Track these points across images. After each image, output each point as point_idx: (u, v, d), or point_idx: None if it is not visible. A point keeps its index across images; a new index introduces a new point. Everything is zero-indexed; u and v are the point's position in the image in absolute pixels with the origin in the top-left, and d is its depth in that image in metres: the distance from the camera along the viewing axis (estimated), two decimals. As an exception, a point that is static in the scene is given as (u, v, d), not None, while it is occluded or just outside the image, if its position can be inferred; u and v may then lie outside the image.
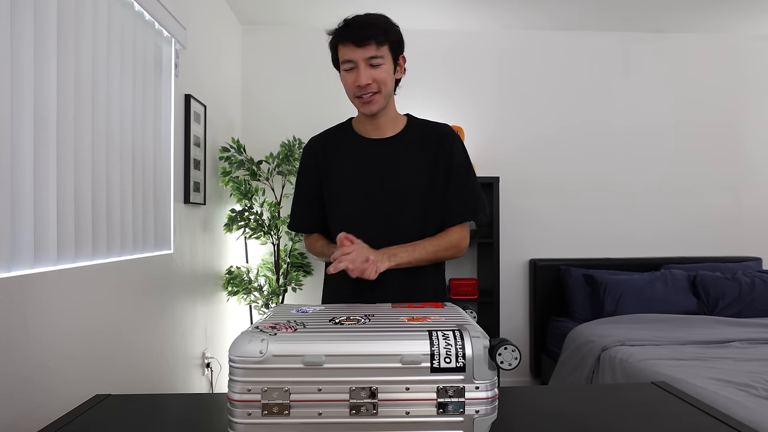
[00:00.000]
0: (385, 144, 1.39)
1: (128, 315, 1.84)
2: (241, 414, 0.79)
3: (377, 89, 1.30)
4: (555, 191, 3.58)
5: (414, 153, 1.37)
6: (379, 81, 1.29)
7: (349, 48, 1.27)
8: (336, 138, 1.44)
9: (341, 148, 1.42)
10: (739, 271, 3.35)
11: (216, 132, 2.87)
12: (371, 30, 1.26)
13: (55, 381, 1.41)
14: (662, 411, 1.02)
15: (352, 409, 0.79)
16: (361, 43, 1.26)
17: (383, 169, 1.36)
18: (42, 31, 1.35)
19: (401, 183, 1.35)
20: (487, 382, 0.80)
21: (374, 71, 1.28)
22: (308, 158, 1.45)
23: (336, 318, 0.95)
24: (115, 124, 1.72)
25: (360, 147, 1.40)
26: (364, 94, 1.30)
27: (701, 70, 3.65)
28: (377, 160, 1.37)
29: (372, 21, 1.28)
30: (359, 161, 1.38)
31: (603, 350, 2.59)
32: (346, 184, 1.38)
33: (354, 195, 1.37)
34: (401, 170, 1.36)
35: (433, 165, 1.37)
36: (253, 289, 2.94)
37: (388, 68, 1.31)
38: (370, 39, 1.26)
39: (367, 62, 1.27)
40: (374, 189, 1.36)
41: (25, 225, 1.28)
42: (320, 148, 1.44)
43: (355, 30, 1.27)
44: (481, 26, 3.51)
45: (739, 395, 1.84)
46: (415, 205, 1.35)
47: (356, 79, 1.28)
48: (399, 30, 1.33)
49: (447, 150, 1.38)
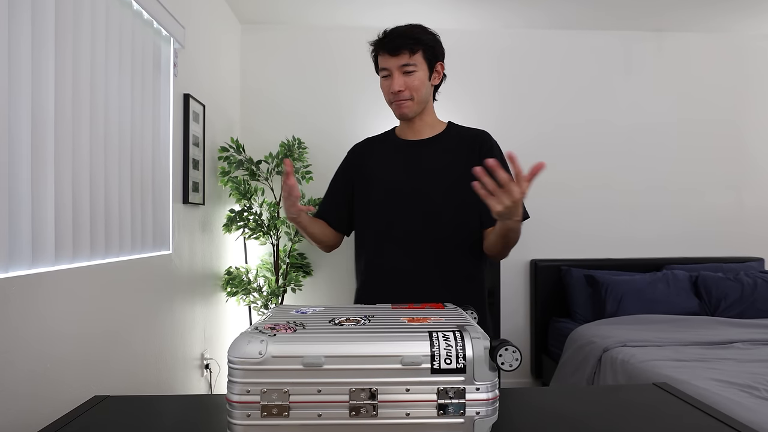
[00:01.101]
0: (421, 144, 1.46)
1: (127, 316, 1.84)
2: (240, 415, 0.78)
3: (410, 96, 1.38)
4: (556, 191, 3.57)
5: (449, 152, 1.43)
6: (411, 88, 1.37)
7: (385, 57, 1.38)
8: (378, 143, 1.54)
9: (379, 149, 1.51)
10: (742, 272, 3.34)
11: (215, 132, 2.87)
12: (404, 40, 1.35)
13: (53, 382, 1.40)
14: (664, 412, 1.01)
15: (351, 410, 0.79)
16: (394, 52, 1.35)
17: (416, 165, 1.43)
18: (40, 30, 1.35)
19: (433, 178, 1.41)
20: (488, 383, 0.80)
21: (407, 78, 1.37)
22: (347, 159, 1.57)
23: (335, 319, 0.95)
24: (113, 124, 1.71)
25: (396, 147, 1.48)
26: (397, 100, 1.39)
27: (703, 69, 3.64)
28: (411, 157, 1.44)
29: (406, 31, 1.37)
30: (394, 159, 1.46)
31: (604, 351, 2.58)
32: (380, 180, 1.45)
33: (386, 188, 1.43)
34: (434, 166, 1.42)
35: (467, 164, 1.39)
36: (252, 289, 2.93)
37: (422, 75, 1.38)
38: (403, 48, 1.35)
39: (401, 70, 1.36)
40: (406, 183, 1.41)
41: (22, 225, 1.28)
42: (359, 152, 1.55)
43: (390, 40, 1.36)
44: (481, 25, 3.50)
45: (742, 396, 1.83)
46: (448, 200, 1.39)
47: (390, 86, 1.38)
48: (435, 38, 1.40)
49: (486, 151, 1.43)
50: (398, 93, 1.37)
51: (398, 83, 1.36)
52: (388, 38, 1.37)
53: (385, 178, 1.45)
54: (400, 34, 1.36)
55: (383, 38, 1.38)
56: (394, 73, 1.37)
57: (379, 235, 1.43)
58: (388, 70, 1.38)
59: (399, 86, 1.36)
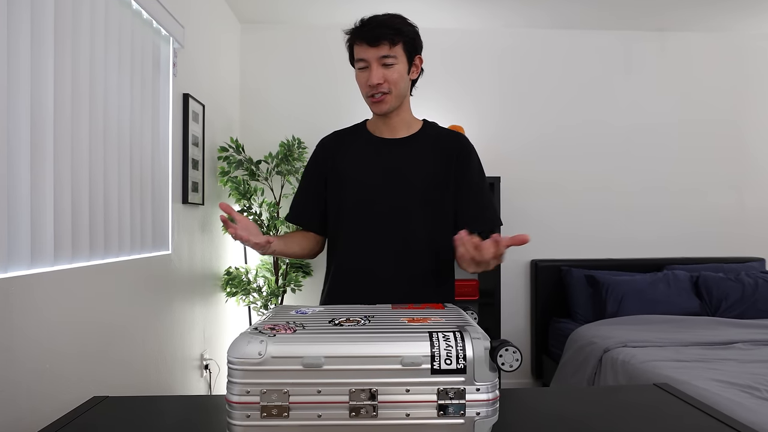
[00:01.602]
0: (397, 144, 1.39)
1: (126, 316, 1.83)
2: (240, 416, 0.78)
3: (388, 89, 1.30)
4: (556, 191, 3.57)
5: (426, 154, 1.37)
6: (390, 81, 1.30)
7: (363, 47, 1.29)
8: (348, 137, 1.45)
9: (353, 146, 1.42)
10: (743, 272, 3.33)
11: (214, 131, 2.86)
12: (384, 30, 1.27)
13: (52, 383, 1.39)
14: (665, 413, 1.01)
15: (351, 411, 0.79)
16: (373, 42, 1.27)
17: (393, 168, 1.36)
18: (39, 29, 1.34)
19: (409, 182, 1.35)
20: (488, 384, 0.79)
21: (386, 71, 1.29)
22: (317, 156, 1.46)
23: (335, 319, 0.94)
24: (112, 124, 1.71)
25: (371, 145, 1.40)
26: (375, 93, 1.31)
27: (704, 69, 3.64)
28: (387, 158, 1.37)
29: (386, 21, 1.29)
30: (369, 159, 1.38)
31: (605, 352, 2.57)
32: (355, 181, 1.37)
33: (362, 192, 1.36)
34: (411, 170, 1.35)
35: (445, 169, 1.35)
36: (252, 290, 2.93)
37: (401, 68, 1.31)
38: (383, 39, 1.27)
39: (380, 62, 1.28)
40: (382, 187, 1.35)
41: (21, 225, 1.27)
42: (330, 147, 1.45)
43: (369, 30, 1.28)
44: (481, 24, 3.50)
45: (743, 397, 1.83)
46: (423, 206, 1.34)
47: (368, 79, 1.29)
48: (415, 30, 1.33)
49: (464, 159, 1.37)
50: (377, 86, 1.29)
51: (377, 76, 1.28)
52: (367, 27, 1.28)
53: (359, 180, 1.36)
54: (381, 23, 1.28)
55: (362, 27, 1.29)
56: (373, 65, 1.28)
57: (353, 240, 1.36)
58: (365, 61, 1.29)
59: (378, 79, 1.28)
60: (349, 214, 1.37)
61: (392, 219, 1.33)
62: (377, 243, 1.33)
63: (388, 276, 1.34)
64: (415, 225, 1.34)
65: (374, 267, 1.34)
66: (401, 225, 1.34)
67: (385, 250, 1.34)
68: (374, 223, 1.34)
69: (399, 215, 1.33)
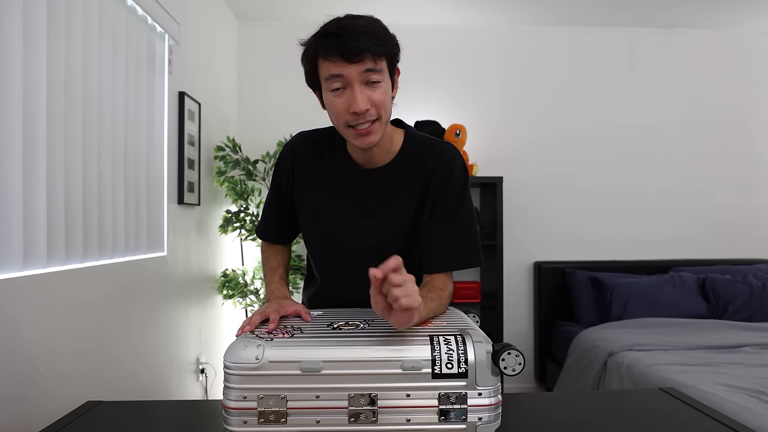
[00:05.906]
0: (380, 175, 1.17)
1: (120, 319, 1.81)
2: (237, 422, 0.78)
3: (377, 115, 1.02)
4: (560, 191, 3.54)
5: (408, 183, 1.17)
6: (377, 104, 1.01)
7: (338, 63, 0.98)
8: (326, 151, 1.21)
9: (331, 172, 1.19)
10: (750, 274, 3.29)
11: (211, 131, 2.84)
12: (368, 40, 0.97)
13: (46, 387, 1.37)
14: (671, 418, 1.01)
15: (351, 416, 0.78)
16: (354, 57, 0.97)
17: (372, 209, 1.18)
18: (31, 25, 1.32)
19: (389, 223, 1.17)
20: (491, 389, 0.79)
21: (372, 92, 1.00)
22: (287, 169, 1.23)
23: (334, 323, 0.94)
24: (106, 122, 1.68)
25: (351, 177, 1.18)
26: (360, 124, 1.01)
27: (710, 67, 3.61)
28: (368, 195, 1.18)
29: (366, 28, 0.99)
30: (349, 193, 1.18)
31: (610, 355, 2.55)
32: (331, 215, 1.19)
33: (338, 228, 1.19)
34: (391, 208, 1.17)
35: (424, 196, 1.16)
36: (249, 292, 2.91)
37: (387, 87, 1.03)
38: (367, 51, 0.97)
39: (363, 80, 0.99)
40: (361, 227, 1.18)
41: (13, 226, 1.26)
42: (304, 161, 1.22)
43: (351, 40, 0.96)
44: (484, 22, 3.48)
45: (750, 401, 1.81)
46: (400, 245, 1.17)
47: (351, 104, 1.00)
48: (395, 39, 1.07)
49: (444, 180, 1.15)
50: (365, 113, 1.00)
51: (362, 99, 0.99)
52: (344, 37, 0.97)
53: (336, 214, 1.18)
54: (363, 31, 0.98)
55: (336, 37, 0.97)
56: (355, 86, 0.99)
57: (327, 272, 1.26)
58: (343, 79, 0.99)
59: (364, 104, 0.99)
60: (323, 248, 1.24)
61: (367, 257, 1.14)
62: (351, 276, 1.15)
63: (368, 301, 1.20)
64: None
65: (353, 295, 1.15)
66: (376, 262, 1.11)
67: (360, 283, 1.05)
68: (348, 259, 1.20)
69: (374, 254, 1.14)
